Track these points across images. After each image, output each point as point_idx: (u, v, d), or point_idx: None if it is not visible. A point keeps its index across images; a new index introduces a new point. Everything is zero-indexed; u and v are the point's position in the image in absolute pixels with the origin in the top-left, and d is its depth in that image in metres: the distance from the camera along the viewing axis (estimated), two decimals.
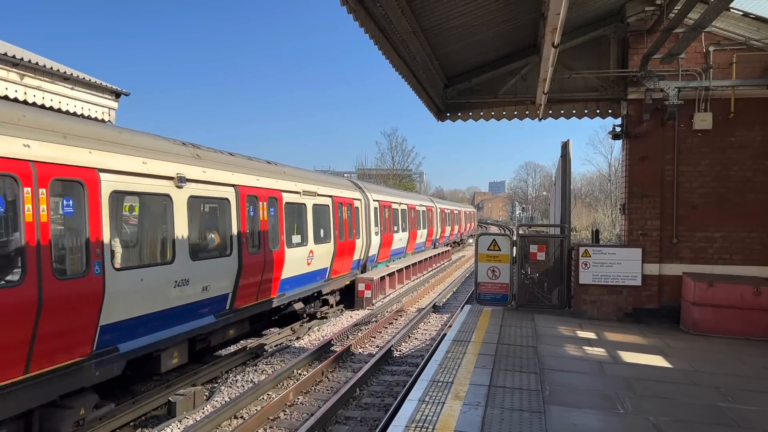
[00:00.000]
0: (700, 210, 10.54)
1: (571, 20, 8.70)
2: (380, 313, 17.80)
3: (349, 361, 12.16)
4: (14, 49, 11.35)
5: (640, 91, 10.57)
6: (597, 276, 10.80)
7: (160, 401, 9.40)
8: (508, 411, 5.69)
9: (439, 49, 10.39)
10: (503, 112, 12.25)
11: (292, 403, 9.53)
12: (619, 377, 7.15)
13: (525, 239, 11.69)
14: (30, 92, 10.87)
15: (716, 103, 10.39)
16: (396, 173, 75.28)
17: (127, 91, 13.98)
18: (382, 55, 8.85)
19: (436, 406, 5.78)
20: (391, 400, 9.52)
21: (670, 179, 10.59)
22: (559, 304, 11.33)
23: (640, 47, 10.60)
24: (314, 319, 16.07)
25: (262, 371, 11.31)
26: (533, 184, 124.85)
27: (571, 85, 11.42)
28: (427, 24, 9.03)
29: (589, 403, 6.17)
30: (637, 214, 10.73)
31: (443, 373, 6.87)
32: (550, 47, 7.41)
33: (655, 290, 10.66)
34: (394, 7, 7.80)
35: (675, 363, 7.95)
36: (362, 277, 18.99)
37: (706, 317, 9.86)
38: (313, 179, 15.98)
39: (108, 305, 7.63)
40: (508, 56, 11.85)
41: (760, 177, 10.40)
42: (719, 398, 6.53)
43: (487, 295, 11.25)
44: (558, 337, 9.22)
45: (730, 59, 10.35)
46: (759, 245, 10.38)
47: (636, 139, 10.76)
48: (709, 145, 10.51)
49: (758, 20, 10.16)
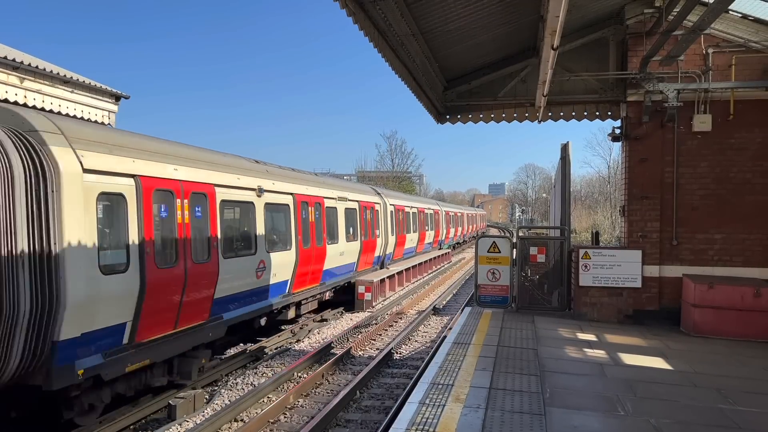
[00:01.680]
0: (700, 212, 10.55)
1: (570, 23, 8.71)
2: (380, 315, 17.79)
3: (350, 364, 12.15)
4: (14, 53, 11.37)
5: (640, 93, 10.58)
6: (597, 278, 10.80)
7: (161, 404, 9.40)
8: (508, 413, 5.69)
9: (438, 52, 10.40)
10: (503, 114, 12.25)
11: (293, 406, 9.53)
12: (619, 379, 7.15)
13: (525, 241, 11.68)
14: (30, 95, 10.88)
15: (715, 104, 10.40)
16: (396, 175, 75.29)
17: (126, 94, 13.99)
18: (382, 58, 8.87)
19: (437, 408, 5.78)
20: (391, 403, 9.52)
21: (670, 181, 10.59)
22: (559, 306, 11.33)
23: (640, 49, 10.61)
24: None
25: (262, 374, 11.31)
26: (533, 186, 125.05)
27: (570, 87, 11.42)
28: (427, 27, 9.04)
29: (589, 405, 6.16)
30: (637, 216, 10.73)
31: (443, 376, 6.86)
32: (550, 50, 7.43)
33: (656, 292, 10.66)
34: (394, 10, 7.80)
35: (675, 365, 7.95)
36: (362, 280, 19.00)
37: (706, 319, 9.86)
38: (344, 187, 19.13)
39: (219, 284, 10.16)
40: (508, 58, 11.86)
41: (759, 179, 10.40)
42: (720, 400, 6.52)
43: (487, 297, 11.25)
44: (558, 339, 9.22)
45: (729, 61, 10.37)
46: (759, 247, 10.38)
47: (635, 141, 10.76)
48: (708, 147, 10.51)
49: (757, 22, 10.18)
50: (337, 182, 19.56)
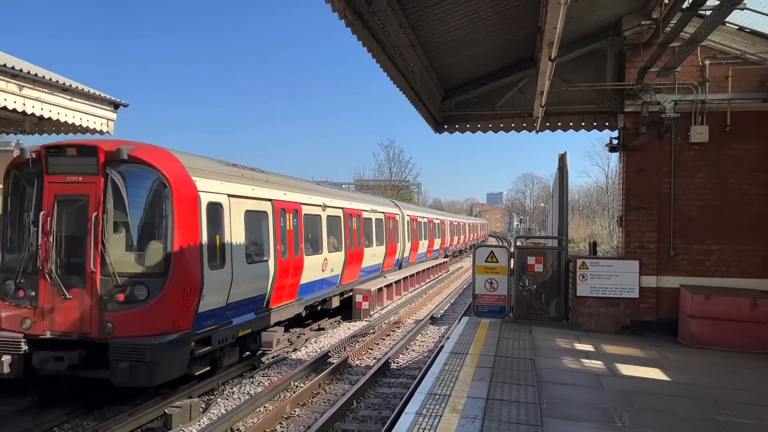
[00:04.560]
0: (697, 223, 10.57)
1: (567, 34, 8.75)
2: (378, 324, 17.76)
3: (347, 373, 12.11)
4: (13, 60, 11.37)
5: (637, 104, 10.63)
6: (594, 288, 10.80)
7: (156, 413, 9.34)
8: (505, 424, 5.67)
9: (436, 62, 10.45)
10: (501, 125, 12.29)
11: (289, 416, 9.48)
12: (616, 390, 7.14)
13: (523, 251, 11.68)
14: (29, 103, 10.86)
15: (712, 116, 10.44)
16: (394, 184, 75.33)
17: (125, 102, 13.99)
18: (381, 68, 8.90)
19: (434, 419, 5.76)
20: (388, 413, 9.48)
21: (667, 192, 10.62)
22: (556, 317, 11.31)
23: (637, 61, 10.67)
24: None
25: (259, 383, 11.26)
26: (531, 196, 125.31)
27: (568, 98, 11.46)
28: (425, 37, 9.09)
29: (587, 416, 6.15)
30: (635, 226, 10.75)
31: (441, 386, 6.84)
32: (547, 61, 7.47)
33: (653, 303, 10.66)
34: (392, 21, 7.85)
35: (673, 376, 7.94)
36: (360, 289, 19.02)
37: (703, 330, 9.85)
38: (374, 201, 23.91)
39: (303, 274, 14.33)
40: (506, 69, 11.91)
41: (756, 190, 10.43)
42: (717, 411, 6.51)
43: (485, 307, 11.23)
44: (556, 350, 9.21)
45: (726, 73, 10.42)
46: (756, 258, 10.40)
47: (633, 152, 10.80)
48: (705, 158, 10.55)
49: (753, 34, 10.25)
50: (368, 197, 25.11)
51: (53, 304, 9.15)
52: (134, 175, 9.36)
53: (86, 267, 9.07)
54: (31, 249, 9.31)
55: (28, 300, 9.25)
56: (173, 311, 9.18)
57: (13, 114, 11.88)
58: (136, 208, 9.44)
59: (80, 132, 13.18)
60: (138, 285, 9.06)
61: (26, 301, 9.26)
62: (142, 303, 9.02)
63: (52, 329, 9.14)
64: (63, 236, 9.36)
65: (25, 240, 9.41)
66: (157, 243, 9.36)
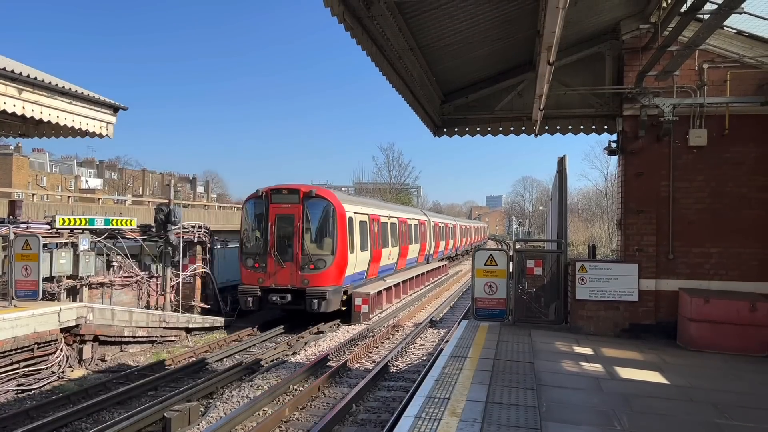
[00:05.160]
0: (696, 226, 10.57)
1: (566, 37, 8.78)
2: (377, 327, 17.76)
3: (346, 377, 12.11)
4: (13, 64, 11.39)
5: (636, 108, 10.64)
6: (594, 291, 10.79)
7: (155, 417, 9.34)
8: (504, 428, 5.67)
9: (435, 66, 10.47)
10: (500, 128, 12.31)
11: (288, 419, 9.48)
12: (616, 393, 7.14)
13: (522, 254, 11.68)
14: (28, 107, 10.88)
15: (711, 119, 10.46)
16: (393, 188, 75.35)
17: (125, 105, 14.01)
18: (379, 72, 8.92)
19: (433, 422, 5.76)
20: (387, 416, 9.48)
21: (666, 195, 10.63)
22: (556, 320, 11.31)
23: (635, 64, 10.68)
24: None
25: (258, 387, 11.26)
26: (530, 199, 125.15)
27: (566, 101, 11.48)
28: (424, 41, 9.10)
29: (586, 419, 6.15)
30: (633, 229, 10.76)
31: (440, 389, 6.84)
32: (546, 64, 7.48)
33: (652, 306, 10.65)
34: (392, 25, 7.86)
35: (672, 379, 7.93)
36: (359, 292, 19.04)
37: (702, 333, 9.85)
38: (409, 210, 33.36)
39: (381, 260, 22.86)
40: (505, 73, 11.93)
41: (754, 193, 10.44)
42: (716, 415, 6.52)
43: (484, 310, 11.22)
44: (555, 353, 9.21)
45: (724, 76, 10.44)
46: (755, 261, 10.40)
47: (632, 155, 10.82)
48: (704, 162, 10.56)
49: (751, 38, 10.27)
50: (405, 208, 35.17)
51: (276, 270, 17.97)
52: (317, 205, 18.30)
53: (293, 250, 17.99)
54: (260, 243, 18.32)
55: (261, 269, 18.04)
56: (336, 274, 18.19)
57: (12, 117, 11.89)
58: (317, 221, 18.41)
59: (80, 135, 13.17)
60: (319, 260, 17.89)
61: (260, 270, 18.05)
62: (321, 269, 17.85)
63: (275, 284, 17.92)
64: (280, 235, 18.11)
65: (258, 238, 18.47)
66: (328, 239, 18.27)
